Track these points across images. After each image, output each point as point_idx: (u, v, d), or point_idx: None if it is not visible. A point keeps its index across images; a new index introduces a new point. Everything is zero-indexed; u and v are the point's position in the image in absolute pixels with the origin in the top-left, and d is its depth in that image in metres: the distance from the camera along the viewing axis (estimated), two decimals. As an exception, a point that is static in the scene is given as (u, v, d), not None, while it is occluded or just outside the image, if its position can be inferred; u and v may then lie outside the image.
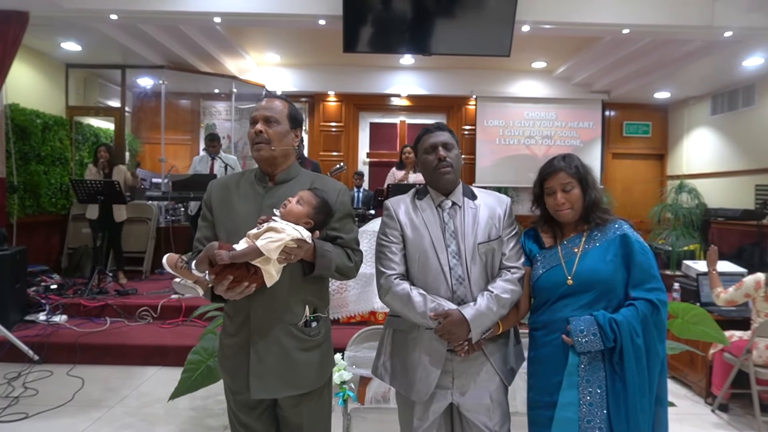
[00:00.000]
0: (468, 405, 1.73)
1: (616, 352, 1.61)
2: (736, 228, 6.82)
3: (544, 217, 1.83)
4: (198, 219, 1.82)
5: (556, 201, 1.73)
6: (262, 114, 1.71)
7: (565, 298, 1.69)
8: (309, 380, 1.71)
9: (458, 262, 1.73)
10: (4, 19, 4.83)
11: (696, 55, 5.94)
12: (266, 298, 1.62)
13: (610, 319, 1.61)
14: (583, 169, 1.75)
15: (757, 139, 6.73)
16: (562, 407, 1.63)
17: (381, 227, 1.84)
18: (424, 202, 1.82)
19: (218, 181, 1.81)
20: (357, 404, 2.40)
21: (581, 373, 1.64)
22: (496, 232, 1.78)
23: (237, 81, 7.83)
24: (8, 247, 4.75)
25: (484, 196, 1.86)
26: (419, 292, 1.70)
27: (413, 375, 1.73)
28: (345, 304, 3.93)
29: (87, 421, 3.21)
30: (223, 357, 1.75)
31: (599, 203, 1.74)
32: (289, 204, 1.61)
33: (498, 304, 1.69)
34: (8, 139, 5.57)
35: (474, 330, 1.65)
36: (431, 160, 1.78)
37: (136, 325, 4.71)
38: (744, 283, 3.31)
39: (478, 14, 5.02)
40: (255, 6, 4.96)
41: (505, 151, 8.52)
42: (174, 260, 1.53)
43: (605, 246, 1.70)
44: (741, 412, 3.51)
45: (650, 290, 1.64)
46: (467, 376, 1.74)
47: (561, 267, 1.71)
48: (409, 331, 1.77)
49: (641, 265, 1.66)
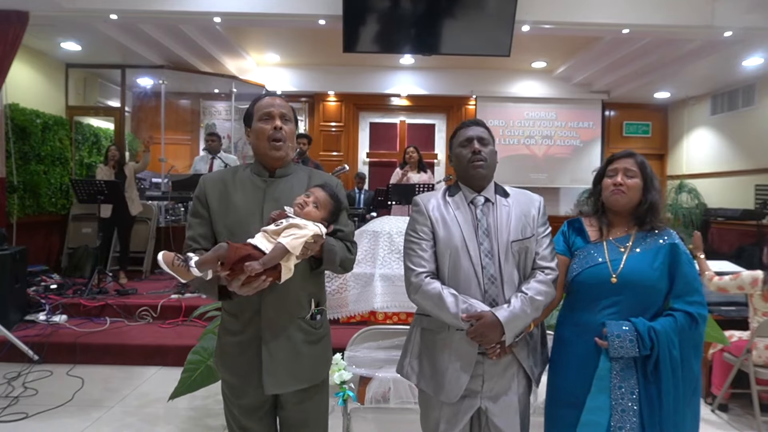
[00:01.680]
0: (496, 410, 1.68)
1: (651, 361, 1.59)
2: (736, 228, 6.81)
3: (595, 208, 1.80)
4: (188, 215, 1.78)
5: (615, 180, 1.70)
6: (280, 111, 1.69)
7: (605, 299, 1.66)
8: (316, 373, 1.73)
9: (491, 261, 1.67)
10: (4, 19, 4.83)
11: (696, 55, 5.94)
12: (278, 293, 1.61)
13: (650, 327, 1.58)
14: (651, 171, 1.73)
15: (757, 139, 6.73)
16: (589, 410, 1.61)
17: (410, 223, 1.79)
18: (456, 198, 1.77)
19: (212, 176, 1.75)
20: (357, 404, 2.40)
21: (613, 378, 1.61)
22: (530, 231, 1.72)
23: (237, 81, 7.83)
24: (8, 247, 4.74)
25: (516, 194, 1.81)
26: (451, 292, 1.64)
27: (442, 377, 1.68)
28: (345, 304, 3.93)
29: (87, 421, 3.21)
30: (226, 356, 1.71)
31: (658, 209, 1.71)
32: (306, 207, 1.59)
33: (532, 306, 1.63)
34: (8, 139, 5.57)
35: (507, 333, 1.59)
36: (465, 154, 1.74)
37: (136, 325, 4.70)
38: (741, 276, 3.30)
39: (478, 14, 5.03)
40: (255, 6, 4.96)
41: (505, 151, 8.52)
42: (170, 258, 1.48)
43: (654, 251, 1.67)
44: (741, 412, 3.50)
45: (691, 303, 1.62)
46: (497, 379, 1.69)
47: (606, 264, 1.67)
48: (439, 331, 1.71)
49: (686, 276, 1.64)
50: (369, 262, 3.93)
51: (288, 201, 1.63)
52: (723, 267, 4.07)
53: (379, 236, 3.91)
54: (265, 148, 1.68)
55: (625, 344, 1.57)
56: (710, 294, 3.95)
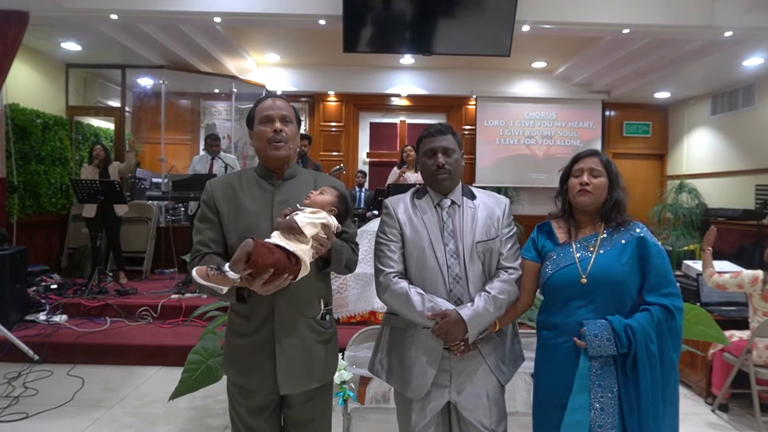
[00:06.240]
0: (465, 403, 1.74)
1: (630, 358, 1.59)
2: (736, 228, 6.81)
3: (563, 209, 1.81)
4: (194, 220, 1.77)
5: (581, 180, 1.72)
6: (279, 113, 1.70)
7: (578, 299, 1.67)
8: (326, 372, 1.76)
9: (456, 261, 1.73)
10: (4, 19, 4.83)
11: (696, 55, 5.94)
12: (290, 294, 1.63)
13: (626, 325, 1.59)
14: (615, 168, 1.76)
15: (757, 139, 6.73)
16: (572, 411, 1.62)
17: (380, 225, 1.85)
18: (423, 201, 1.83)
19: (218, 180, 1.76)
20: (357, 404, 2.40)
21: (593, 377, 1.62)
22: (494, 232, 1.78)
23: (237, 81, 7.83)
24: (8, 247, 4.74)
25: (482, 196, 1.87)
26: (417, 291, 1.70)
27: (409, 373, 1.74)
28: (345, 304, 3.94)
29: (87, 421, 3.21)
30: (236, 358, 1.71)
31: (623, 206, 1.73)
32: (313, 195, 1.65)
33: (495, 305, 1.70)
34: (8, 139, 5.57)
35: (471, 331, 1.66)
36: (430, 165, 1.79)
37: (136, 325, 4.70)
38: (741, 275, 3.30)
39: (478, 14, 5.02)
40: (255, 6, 4.96)
41: (505, 151, 8.52)
42: (204, 272, 1.48)
43: (621, 247, 1.68)
44: (741, 412, 3.50)
45: (666, 295, 1.63)
46: (465, 374, 1.74)
47: (575, 266, 1.69)
48: (407, 329, 1.78)
49: (657, 269, 1.65)
50: (369, 262, 3.93)
51: (295, 203, 1.66)
52: (723, 267, 4.07)
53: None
54: (266, 150, 1.70)
55: (603, 343, 1.59)
56: (711, 294, 3.96)
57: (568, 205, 1.79)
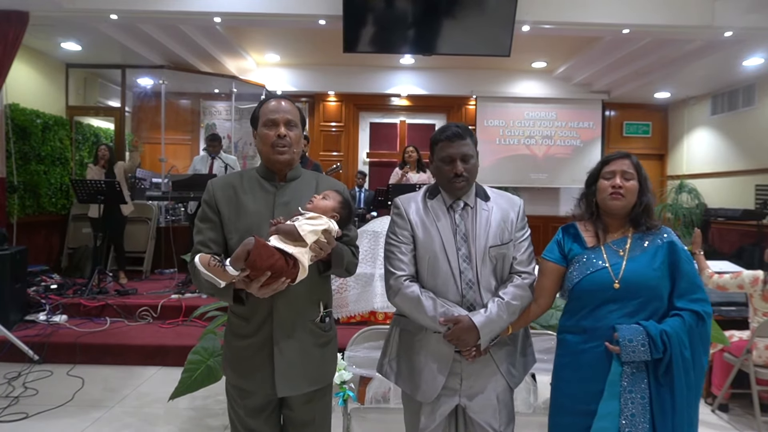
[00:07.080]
0: (475, 407, 1.72)
1: (663, 363, 1.57)
2: (736, 228, 6.81)
3: (590, 211, 1.76)
4: (195, 220, 1.76)
5: (613, 183, 1.67)
6: (284, 117, 1.69)
7: (610, 304, 1.64)
8: (325, 375, 1.77)
9: (468, 266, 1.69)
10: (4, 19, 4.83)
11: (696, 55, 5.94)
12: (289, 296, 1.62)
13: (662, 330, 1.57)
14: (644, 172, 1.72)
15: (757, 139, 6.73)
16: (601, 417, 1.59)
17: (390, 226, 1.80)
18: (435, 202, 1.77)
19: (220, 180, 1.75)
20: (357, 404, 2.40)
21: (624, 383, 1.60)
22: (508, 236, 1.73)
23: (237, 81, 7.83)
24: (8, 247, 4.74)
25: (496, 197, 1.81)
26: (429, 296, 1.67)
27: (419, 377, 1.72)
28: (345, 304, 3.94)
29: (87, 421, 3.21)
30: (235, 359, 1.71)
31: (652, 210, 1.70)
32: (316, 199, 1.63)
33: (508, 311, 1.66)
34: (8, 139, 5.57)
35: (483, 337, 1.63)
36: (447, 171, 1.71)
37: (136, 325, 4.70)
38: (741, 275, 3.30)
39: (479, 14, 5.02)
40: (255, 6, 4.96)
41: (505, 151, 8.52)
42: (206, 260, 1.49)
43: (653, 252, 1.66)
44: (741, 412, 3.50)
45: (695, 301, 1.62)
46: (475, 378, 1.72)
47: (607, 270, 1.65)
48: (416, 332, 1.75)
49: (688, 274, 1.63)
50: (369, 262, 3.93)
51: (297, 205, 1.64)
52: (723, 267, 4.07)
53: (379, 236, 3.92)
54: (269, 153, 1.69)
55: (638, 348, 1.56)
56: (711, 294, 3.93)
57: (595, 206, 1.75)
